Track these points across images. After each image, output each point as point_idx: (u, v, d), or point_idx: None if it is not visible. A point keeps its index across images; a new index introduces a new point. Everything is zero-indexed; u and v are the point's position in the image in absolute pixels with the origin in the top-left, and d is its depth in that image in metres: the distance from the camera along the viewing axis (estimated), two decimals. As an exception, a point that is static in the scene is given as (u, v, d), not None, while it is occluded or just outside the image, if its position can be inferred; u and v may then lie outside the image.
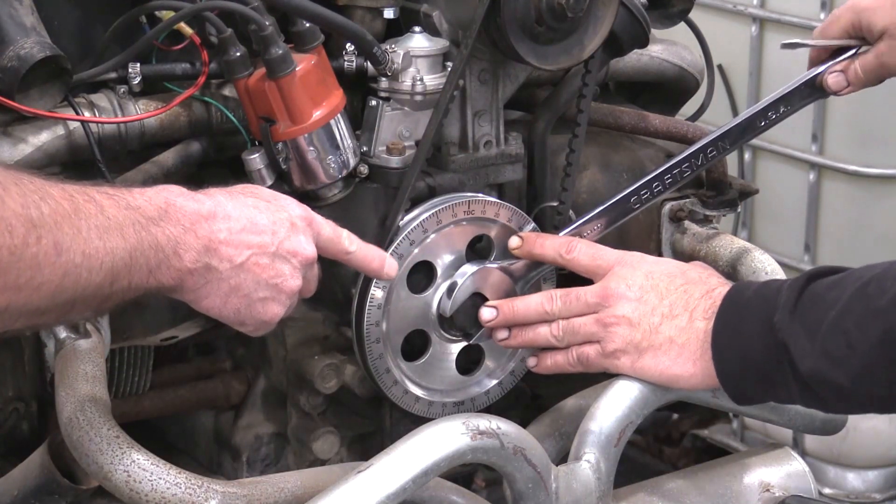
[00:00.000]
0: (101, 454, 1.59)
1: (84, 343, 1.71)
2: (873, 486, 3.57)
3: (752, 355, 1.63)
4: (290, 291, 1.66)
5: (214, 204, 1.60)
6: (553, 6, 1.86)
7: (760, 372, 1.63)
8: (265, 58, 1.81)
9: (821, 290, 1.58)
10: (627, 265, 1.79)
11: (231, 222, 1.60)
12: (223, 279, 1.60)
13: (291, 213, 1.67)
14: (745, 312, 1.65)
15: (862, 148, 3.43)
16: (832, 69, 2.00)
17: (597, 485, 1.72)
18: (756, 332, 1.62)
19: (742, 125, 2.01)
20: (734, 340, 1.65)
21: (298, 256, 1.65)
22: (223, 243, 1.59)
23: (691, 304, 1.72)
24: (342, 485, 1.55)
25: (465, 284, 1.92)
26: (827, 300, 1.56)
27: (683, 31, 2.32)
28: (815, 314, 1.56)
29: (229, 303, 1.62)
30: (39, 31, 1.80)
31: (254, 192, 1.68)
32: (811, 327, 1.56)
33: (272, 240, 1.63)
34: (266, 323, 1.66)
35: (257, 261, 1.61)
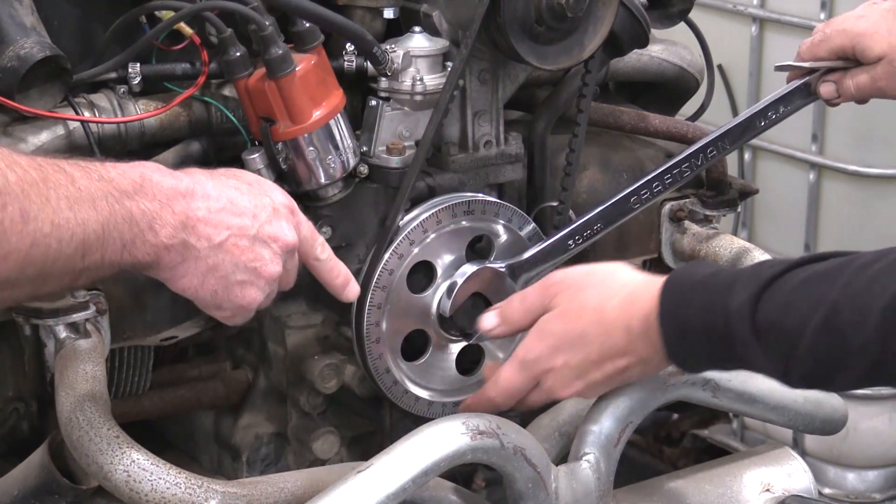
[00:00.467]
0: (101, 454, 1.58)
1: (84, 343, 1.71)
2: (873, 486, 3.57)
3: (720, 365, 1.63)
4: (270, 277, 1.63)
5: (193, 182, 1.57)
6: (553, 6, 1.86)
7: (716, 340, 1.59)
8: (265, 58, 1.81)
9: (774, 315, 1.52)
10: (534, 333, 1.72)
11: (210, 201, 1.57)
12: (201, 258, 1.57)
13: (274, 198, 1.65)
14: (698, 344, 1.59)
15: (862, 148, 3.43)
16: (826, 78, 2.00)
17: (597, 485, 1.72)
18: (719, 360, 1.59)
19: (742, 125, 2.01)
20: (697, 361, 1.62)
21: (279, 242, 1.63)
22: (201, 221, 1.56)
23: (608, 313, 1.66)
24: (342, 485, 1.55)
25: (464, 284, 1.92)
26: (788, 328, 1.51)
27: (683, 31, 2.32)
28: (781, 344, 1.51)
29: (207, 283, 1.59)
30: (39, 31, 1.80)
31: (236, 175, 1.66)
32: (783, 356, 1.52)
33: (252, 223, 1.60)
34: (244, 308, 1.64)
35: (237, 242, 1.59)
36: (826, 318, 1.47)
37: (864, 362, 1.46)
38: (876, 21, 1.97)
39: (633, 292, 1.63)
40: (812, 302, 1.48)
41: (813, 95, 2.03)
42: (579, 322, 1.65)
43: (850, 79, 1.99)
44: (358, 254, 1.96)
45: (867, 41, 1.96)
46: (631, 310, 1.62)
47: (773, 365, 1.53)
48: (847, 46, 1.97)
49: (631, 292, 1.63)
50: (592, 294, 1.66)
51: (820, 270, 1.51)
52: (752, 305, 1.52)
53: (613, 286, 1.65)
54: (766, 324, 1.51)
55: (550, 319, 1.68)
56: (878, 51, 1.95)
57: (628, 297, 1.63)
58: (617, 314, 1.63)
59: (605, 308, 1.64)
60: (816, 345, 1.48)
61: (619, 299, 1.64)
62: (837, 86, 2.00)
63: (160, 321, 1.92)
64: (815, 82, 2.01)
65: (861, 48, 1.96)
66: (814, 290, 1.50)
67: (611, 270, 1.69)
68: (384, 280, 1.90)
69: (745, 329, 1.52)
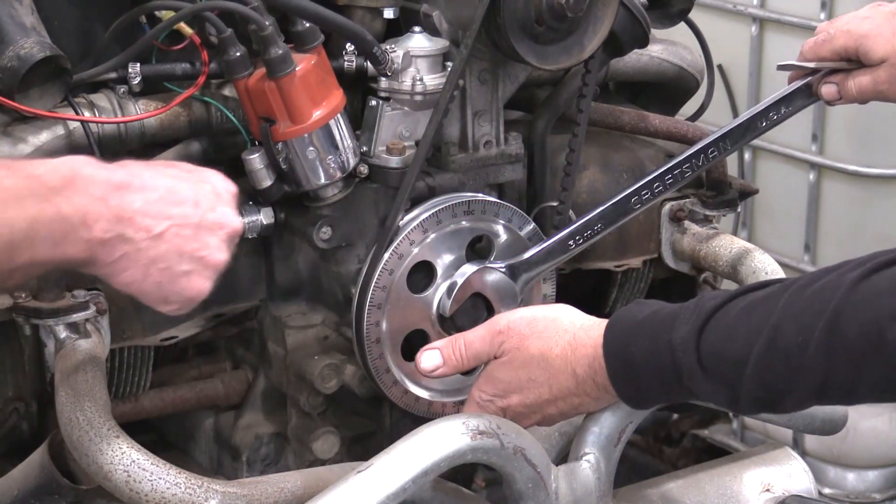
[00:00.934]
0: (101, 454, 1.59)
1: (84, 343, 1.71)
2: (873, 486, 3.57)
3: (669, 400, 1.62)
4: (217, 265, 1.57)
5: (128, 173, 1.50)
6: (553, 6, 1.86)
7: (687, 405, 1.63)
8: (265, 58, 1.81)
9: (718, 344, 1.52)
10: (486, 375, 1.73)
11: (147, 192, 1.50)
12: (141, 251, 1.50)
13: (216, 184, 1.59)
14: (645, 380, 1.59)
15: (862, 148, 3.43)
16: (828, 79, 2.00)
17: (597, 485, 1.71)
18: (668, 394, 1.59)
19: (743, 126, 2.01)
20: (646, 399, 1.62)
21: (225, 228, 1.57)
22: (138, 213, 1.49)
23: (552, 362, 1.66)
24: (342, 485, 1.55)
25: (464, 284, 1.92)
26: (732, 356, 1.51)
27: (683, 31, 2.32)
28: (727, 372, 1.52)
29: (149, 277, 1.52)
30: (39, 31, 1.80)
31: (174, 164, 1.59)
32: (730, 382, 1.52)
33: (195, 211, 1.54)
34: (192, 300, 1.58)
35: (179, 232, 1.53)
36: (769, 341, 1.48)
37: (810, 381, 1.47)
38: (880, 23, 1.96)
39: (574, 337, 1.65)
40: (754, 327, 1.49)
41: (814, 97, 2.03)
42: (526, 369, 1.67)
43: (852, 80, 1.99)
44: (358, 254, 1.96)
45: (870, 43, 1.95)
46: (574, 356, 1.64)
47: (721, 393, 1.53)
48: (850, 47, 1.97)
49: (573, 338, 1.65)
50: (536, 342, 1.67)
51: (760, 297, 1.52)
52: (695, 337, 1.53)
53: (556, 333, 1.67)
54: (711, 353, 1.52)
55: (498, 366, 1.70)
56: (881, 53, 1.95)
57: (571, 344, 1.65)
58: (560, 361, 1.65)
59: (549, 356, 1.66)
60: (762, 369, 1.48)
61: (561, 347, 1.65)
62: (839, 87, 2.00)
63: (160, 321, 1.92)
64: (817, 83, 2.01)
65: (864, 50, 1.96)
66: (755, 315, 1.50)
67: (553, 317, 1.69)
68: (384, 280, 1.90)
69: (690, 361, 1.53)
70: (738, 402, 1.53)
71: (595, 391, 1.64)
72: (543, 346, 1.66)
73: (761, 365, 1.48)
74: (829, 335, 1.44)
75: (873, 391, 1.46)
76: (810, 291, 1.48)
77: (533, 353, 1.67)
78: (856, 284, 1.44)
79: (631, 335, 1.59)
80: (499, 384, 1.69)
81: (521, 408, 1.69)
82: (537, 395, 1.67)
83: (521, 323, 1.69)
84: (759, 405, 1.54)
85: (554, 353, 1.65)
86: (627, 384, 1.60)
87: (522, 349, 1.67)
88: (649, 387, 1.58)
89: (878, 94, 1.99)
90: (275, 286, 2.02)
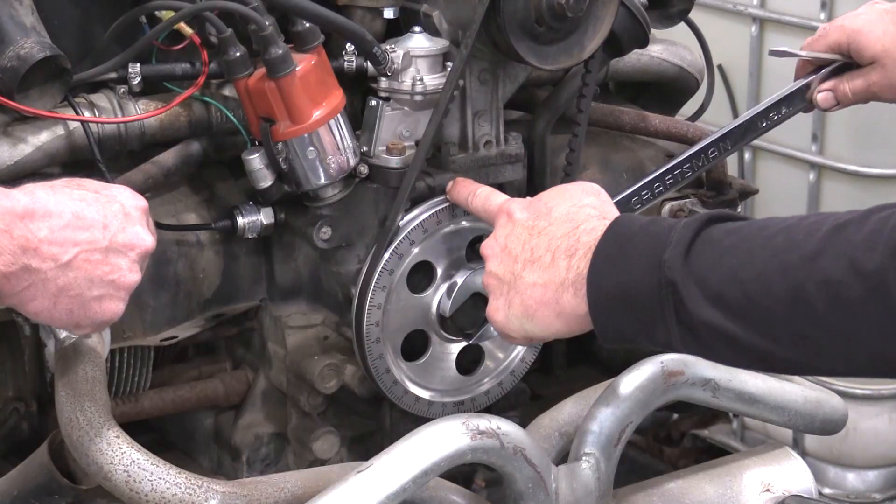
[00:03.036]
0: (101, 454, 1.58)
1: (84, 343, 1.71)
2: (873, 486, 3.57)
3: (632, 291, 1.52)
4: (129, 286, 1.55)
5: (32, 201, 1.47)
6: (553, 6, 1.86)
7: (639, 309, 1.52)
8: (265, 58, 1.81)
9: (719, 234, 1.49)
10: (503, 216, 1.73)
11: (53, 219, 1.47)
12: (49, 280, 1.47)
13: (124, 202, 1.55)
14: (629, 247, 1.54)
15: (862, 148, 3.43)
16: (821, 88, 2.01)
17: (597, 485, 1.72)
18: (640, 266, 1.51)
19: (743, 126, 2.01)
20: (614, 274, 1.54)
21: (136, 249, 1.54)
22: (44, 242, 1.46)
23: (553, 244, 1.63)
24: (342, 485, 1.55)
25: (464, 284, 1.92)
26: (724, 245, 1.47)
27: (683, 31, 2.32)
28: (710, 258, 1.47)
29: (59, 304, 1.50)
30: (39, 31, 1.80)
31: (80, 185, 1.55)
32: (704, 271, 1.46)
33: (103, 234, 1.51)
34: (105, 323, 1.56)
35: (88, 257, 1.50)
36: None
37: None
38: (873, 20, 1.97)
39: (602, 214, 1.64)
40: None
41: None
42: (564, 201, 1.67)
43: (846, 84, 1.99)
44: (358, 254, 1.96)
45: (862, 40, 1.96)
46: (591, 223, 1.62)
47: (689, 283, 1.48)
48: (843, 42, 1.98)
49: (610, 218, 1.62)
50: (593, 199, 1.68)
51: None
52: (683, 255, 1.49)
53: (612, 209, 1.68)
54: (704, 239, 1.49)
55: (552, 189, 1.71)
56: (872, 52, 1.96)
57: (603, 219, 1.62)
58: (584, 216, 1.64)
59: (584, 209, 1.66)
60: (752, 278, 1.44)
61: (599, 215, 1.64)
62: (835, 93, 2.00)
63: (160, 321, 1.92)
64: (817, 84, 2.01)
65: (856, 46, 1.96)
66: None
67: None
68: (384, 280, 1.90)
69: (684, 235, 1.50)
70: (702, 300, 1.46)
71: (567, 251, 1.60)
72: (592, 201, 1.68)
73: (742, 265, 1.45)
74: (809, 268, 1.40)
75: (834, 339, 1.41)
76: (808, 222, 1.45)
77: (583, 197, 1.68)
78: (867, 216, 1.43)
79: (637, 219, 1.59)
80: (538, 196, 1.70)
81: (514, 225, 1.68)
82: (538, 223, 1.66)
83: (596, 186, 1.73)
84: (718, 316, 1.47)
85: (587, 210, 1.65)
86: (608, 252, 1.56)
87: (585, 190, 1.70)
88: (627, 253, 1.53)
89: (872, 95, 2.00)
90: (275, 286, 2.02)
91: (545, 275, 1.61)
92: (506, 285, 1.65)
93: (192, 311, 1.96)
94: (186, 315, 1.95)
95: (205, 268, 1.96)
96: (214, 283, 1.97)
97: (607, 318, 1.56)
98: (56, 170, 1.83)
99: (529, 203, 1.70)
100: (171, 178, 1.92)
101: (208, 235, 1.96)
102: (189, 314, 1.95)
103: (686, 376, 1.79)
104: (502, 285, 1.66)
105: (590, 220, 1.62)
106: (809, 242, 1.42)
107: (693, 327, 1.48)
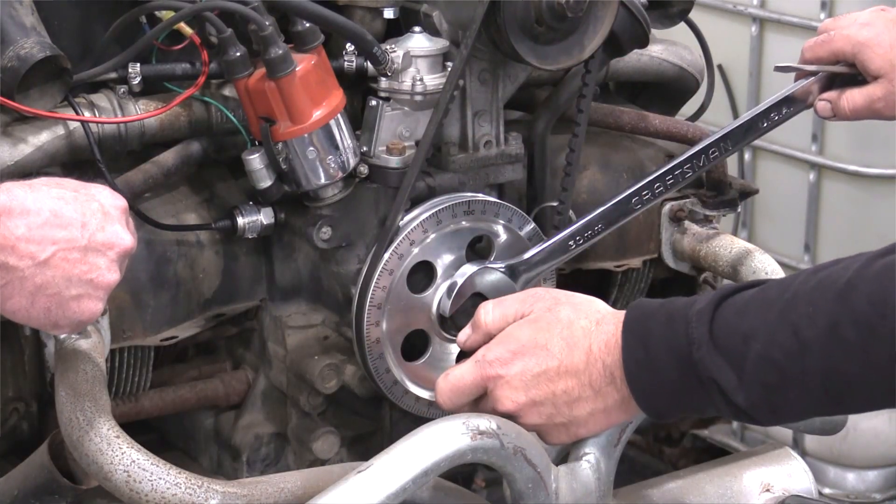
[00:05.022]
0: (101, 454, 1.58)
1: (84, 343, 1.71)
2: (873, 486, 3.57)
3: (675, 390, 1.56)
4: (108, 286, 1.53)
5: (9, 199, 1.46)
6: (553, 6, 1.86)
7: (688, 404, 1.57)
8: (265, 58, 1.81)
9: (732, 318, 1.52)
10: (493, 379, 1.65)
11: (30, 217, 1.46)
12: (26, 278, 1.46)
13: (103, 201, 1.54)
14: (656, 351, 1.56)
15: (862, 148, 3.43)
16: (821, 97, 2.00)
17: (597, 485, 1.71)
18: (675, 368, 1.54)
19: (744, 126, 2.01)
20: (652, 377, 1.57)
21: (115, 248, 1.53)
22: (21, 239, 1.45)
23: (583, 378, 1.61)
24: (342, 485, 1.55)
25: (464, 284, 1.92)
26: (743, 329, 1.50)
27: (683, 31, 2.32)
28: (735, 346, 1.50)
29: (37, 303, 1.49)
30: (39, 31, 1.80)
31: (59, 183, 1.54)
32: (736, 361, 1.50)
33: (82, 233, 1.50)
34: (83, 322, 1.55)
35: (66, 256, 1.48)
36: (780, 312, 1.47)
37: (815, 367, 1.45)
38: (880, 32, 1.95)
39: (603, 318, 1.63)
40: (768, 301, 1.49)
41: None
42: (546, 333, 1.63)
43: (845, 98, 1.98)
44: (358, 254, 1.96)
45: (868, 53, 1.94)
46: (595, 331, 1.61)
47: (725, 373, 1.50)
48: (848, 52, 1.96)
49: (602, 317, 1.63)
50: (566, 310, 1.65)
51: (777, 280, 1.53)
52: (710, 311, 1.52)
53: (589, 309, 1.65)
54: (723, 325, 1.51)
55: (520, 325, 1.66)
56: (878, 66, 1.94)
57: (598, 321, 1.62)
58: (581, 334, 1.62)
59: (573, 326, 1.63)
60: (769, 344, 1.47)
61: (588, 320, 1.63)
62: (832, 105, 1.99)
63: (160, 321, 1.92)
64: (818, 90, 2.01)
65: (862, 59, 1.95)
66: (769, 291, 1.51)
67: (591, 299, 1.68)
68: (384, 280, 1.90)
69: (702, 331, 1.51)
70: (741, 385, 1.49)
71: (600, 378, 1.59)
72: (573, 314, 1.63)
73: (769, 339, 1.46)
74: (839, 305, 1.42)
75: (876, 375, 1.43)
76: (826, 272, 1.47)
77: (561, 318, 1.63)
78: (871, 262, 1.43)
79: (651, 314, 1.57)
80: (512, 343, 1.64)
81: (516, 380, 1.63)
82: (544, 365, 1.62)
83: (559, 292, 1.68)
84: (763, 392, 1.50)
85: (579, 325, 1.62)
86: (637, 358, 1.56)
87: (553, 311, 1.64)
88: (657, 359, 1.55)
89: (873, 113, 1.98)
90: (275, 286, 2.02)
91: (599, 403, 1.62)
92: (563, 427, 1.65)
93: (192, 311, 1.96)
94: (186, 315, 1.95)
95: (205, 268, 1.96)
96: (214, 283, 1.97)
97: (662, 412, 1.61)
98: (56, 170, 1.84)
99: (511, 353, 1.64)
100: (171, 178, 1.92)
101: (208, 235, 1.96)
102: (189, 314, 1.95)
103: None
104: (558, 427, 1.65)
105: (593, 338, 1.61)
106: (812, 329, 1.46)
107: (744, 410, 1.53)
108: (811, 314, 1.44)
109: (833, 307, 1.43)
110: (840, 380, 1.45)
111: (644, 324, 1.58)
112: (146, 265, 1.90)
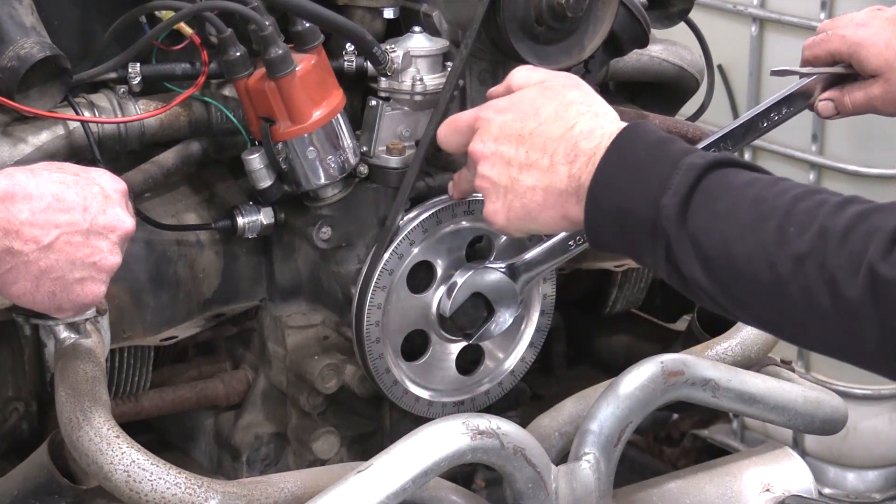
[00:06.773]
0: (101, 454, 1.59)
1: (84, 343, 1.71)
2: (873, 486, 3.57)
3: (629, 220, 1.52)
4: (111, 268, 1.55)
5: (12, 184, 1.48)
6: (553, 6, 1.86)
7: (632, 237, 1.53)
8: (265, 58, 1.81)
9: (717, 190, 1.48)
10: (482, 122, 1.67)
11: (33, 201, 1.48)
12: (30, 262, 1.48)
13: (104, 185, 1.56)
14: (631, 174, 1.52)
15: (862, 148, 3.43)
16: (823, 97, 2.00)
17: (597, 485, 1.72)
18: (639, 199, 1.51)
19: (744, 126, 2.00)
20: (613, 197, 1.53)
21: (117, 231, 1.55)
22: (25, 224, 1.47)
23: (549, 147, 1.59)
24: (342, 485, 1.55)
25: (464, 284, 1.92)
26: (720, 208, 1.47)
27: (683, 31, 2.32)
28: (705, 219, 1.47)
29: (42, 287, 1.51)
30: (39, 31, 1.80)
31: (60, 168, 1.56)
32: (698, 232, 1.47)
33: (84, 216, 1.52)
34: (87, 305, 1.57)
35: (69, 240, 1.50)
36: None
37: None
38: (876, 31, 1.95)
39: (606, 113, 1.60)
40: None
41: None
42: (546, 101, 1.62)
43: (847, 96, 1.98)
44: (358, 254, 1.96)
45: (864, 52, 1.94)
46: (590, 117, 1.59)
47: (685, 242, 1.48)
48: (844, 53, 1.97)
49: (605, 113, 1.60)
50: (577, 93, 1.63)
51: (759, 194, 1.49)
52: (700, 172, 1.49)
53: (597, 101, 1.63)
54: (703, 192, 1.48)
55: (532, 88, 1.65)
56: (874, 65, 1.94)
57: (599, 113, 1.59)
58: (576, 113, 1.60)
59: (574, 104, 1.61)
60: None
61: (590, 108, 1.60)
62: (836, 103, 2.00)
63: (160, 321, 1.92)
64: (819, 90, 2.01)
65: (858, 59, 1.95)
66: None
67: (608, 107, 1.65)
68: (384, 280, 1.90)
69: (682, 184, 1.48)
70: (694, 258, 1.47)
71: (564, 156, 1.56)
72: (580, 98, 1.62)
73: (735, 235, 1.45)
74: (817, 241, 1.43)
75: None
76: (806, 203, 1.49)
77: (568, 95, 1.62)
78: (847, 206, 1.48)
79: (649, 131, 1.55)
80: (515, 98, 1.64)
81: (498, 127, 1.62)
82: (525, 124, 1.60)
83: (587, 86, 1.66)
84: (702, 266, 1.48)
85: (577, 107, 1.60)
86: (612, 161, 1.53)
87: (566, 88, 1.64)
88: (627, 173, 1.52)
89: (872, 109, 1.98)
90: (275, 286, 2.02)
91: (545, 179, 1.59)
92: (502, 189, 1.63)
93: (192, 311, 1.96)
94: (186, 315, 1.95)
95: (205, 268, 1.96)
96: (214, 283, 1.97)
97: (601, 233, 1.56)
98: (56, 170, 1.84)
99: (509, 104, 1.65)
100: (171, 178, 1.92)
101: (208, 235, 1.96)
102: (189, 314, 1.95)
103: (686, 376, 1.79)
104: (498, 189, 1.63)
105: (582, 120, 1.59)
106: (800, 243, 1.43)
107: (679, 273, 1.50)
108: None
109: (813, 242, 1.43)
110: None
111: (634, 140, 1.55)
112: (146, 265, 1.90)
